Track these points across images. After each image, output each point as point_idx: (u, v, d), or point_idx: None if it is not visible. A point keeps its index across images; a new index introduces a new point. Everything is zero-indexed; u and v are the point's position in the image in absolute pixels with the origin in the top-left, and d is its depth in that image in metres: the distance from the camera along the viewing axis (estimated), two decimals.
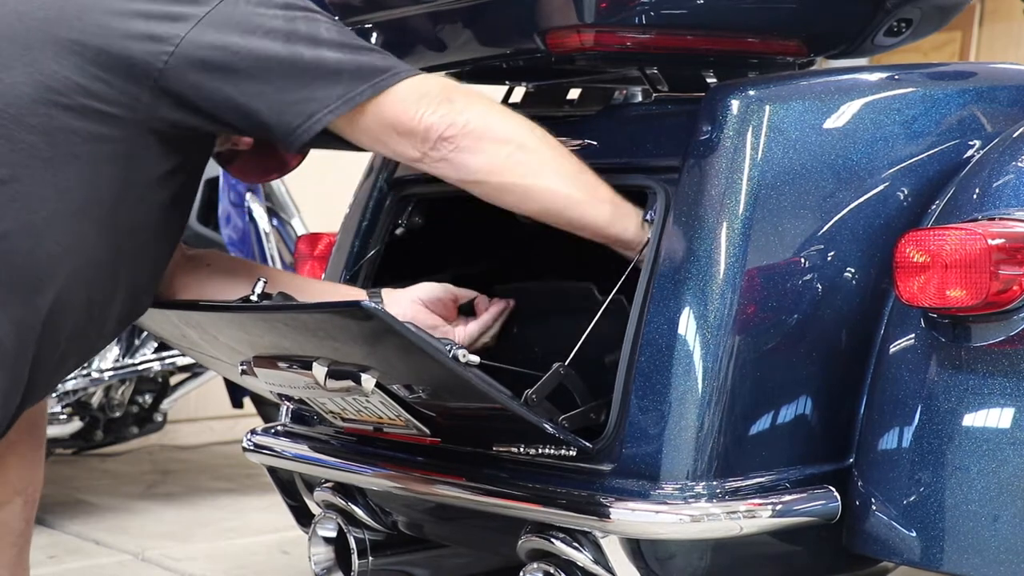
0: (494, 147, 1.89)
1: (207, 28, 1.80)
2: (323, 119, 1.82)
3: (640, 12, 2.07)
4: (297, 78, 1.82)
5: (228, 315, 1.91)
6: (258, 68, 1.81)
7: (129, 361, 3.93)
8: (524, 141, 1.91)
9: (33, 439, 2.26)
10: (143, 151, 1.83)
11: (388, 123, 1.86)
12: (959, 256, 1.80)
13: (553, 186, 1.93)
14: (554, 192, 1.93)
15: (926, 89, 2.12)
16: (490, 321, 2.15)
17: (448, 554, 2.41)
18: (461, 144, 1.87)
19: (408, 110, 1.85)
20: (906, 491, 1.85)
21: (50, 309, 1.80)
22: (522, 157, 1.90)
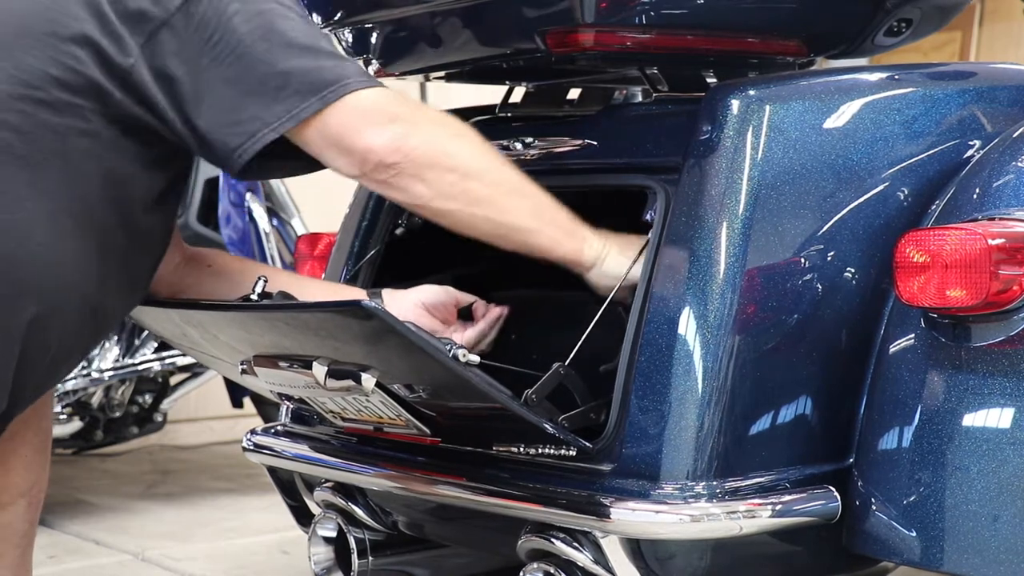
0: (438, 175, 1.83)
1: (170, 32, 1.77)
2: (264, 138, 1.76)
3: (640, 12, 2.07)
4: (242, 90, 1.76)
5: (229, 314, 1.90)
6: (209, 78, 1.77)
7: (129, 361, 3.93)
8: (470, 168, 1.85)
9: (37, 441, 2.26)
10: (120, 147, 1.80)
11: (331, 139, 1.80)
12: (959, 256, 1.80)
13: (496, 215, 1.88)
14: (497, 222, 1.89)
15: (926, 89, 2.12)
16: (487, 328, 2.14)
17: (448, 554, 2.41)
18: (404, 171, 1.81)
19: (353, 128, 1.78)
20: (906, 491, 1.85)
21: (36, 312, 1.77)
22: (466, 186, 1.85)
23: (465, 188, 1.85)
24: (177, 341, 2.21)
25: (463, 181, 1.84)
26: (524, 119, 2.30)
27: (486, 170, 1.88)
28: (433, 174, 1.82)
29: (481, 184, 1.86)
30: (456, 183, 1.84)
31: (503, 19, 2.17)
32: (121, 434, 4.12)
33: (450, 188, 1.84)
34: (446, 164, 1.83)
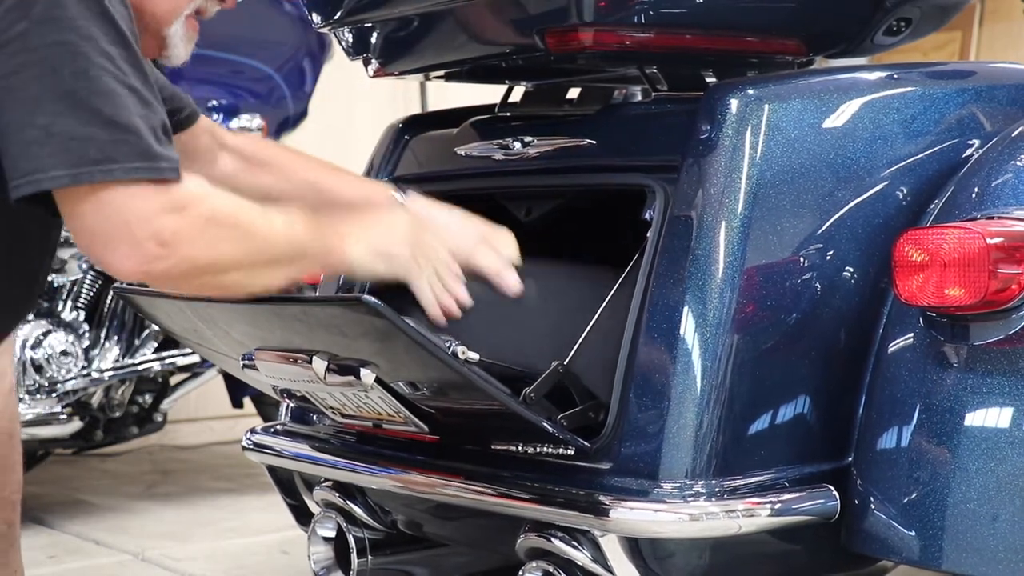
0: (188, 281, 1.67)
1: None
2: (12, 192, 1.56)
3: (639, 11, 2.07)
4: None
5: (240, 308, 1.91)
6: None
7: (129, 361, 3.93)
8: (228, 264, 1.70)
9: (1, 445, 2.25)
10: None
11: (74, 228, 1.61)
12: (958, 255, 1.80)
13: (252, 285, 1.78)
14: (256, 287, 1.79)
15: (925, 88, 2.12)
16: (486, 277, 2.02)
17: (447, 553, 2.41)
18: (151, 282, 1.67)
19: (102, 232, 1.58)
20: (905, 490, 1.85)
21: None
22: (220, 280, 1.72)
23: (219, 282, 1.74)
24: (187, 336, 2.21)
25: (218, 277, 1.72)
26: (524, 118, 2.30)
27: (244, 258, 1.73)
28: (186, 280, 1.69)
29: (239, 273, 1.74)
30: (211, 280, 1.72)
31: (503, 18, 2.18)
32: (121, 434, 4.12)
33: (202, 286, 1.74)
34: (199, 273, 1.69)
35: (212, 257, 1.68)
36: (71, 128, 1.54)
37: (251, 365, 2.00)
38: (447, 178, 2.38)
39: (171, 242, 1.61)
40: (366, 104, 5.23)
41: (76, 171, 1.54)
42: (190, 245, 1.64)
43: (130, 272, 1.61)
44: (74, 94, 1.54)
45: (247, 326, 1.94)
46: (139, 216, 1.58)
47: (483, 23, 2.20)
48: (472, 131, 2.36)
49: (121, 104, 1.57)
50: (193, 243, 1.64)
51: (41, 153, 1.54)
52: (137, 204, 1.58)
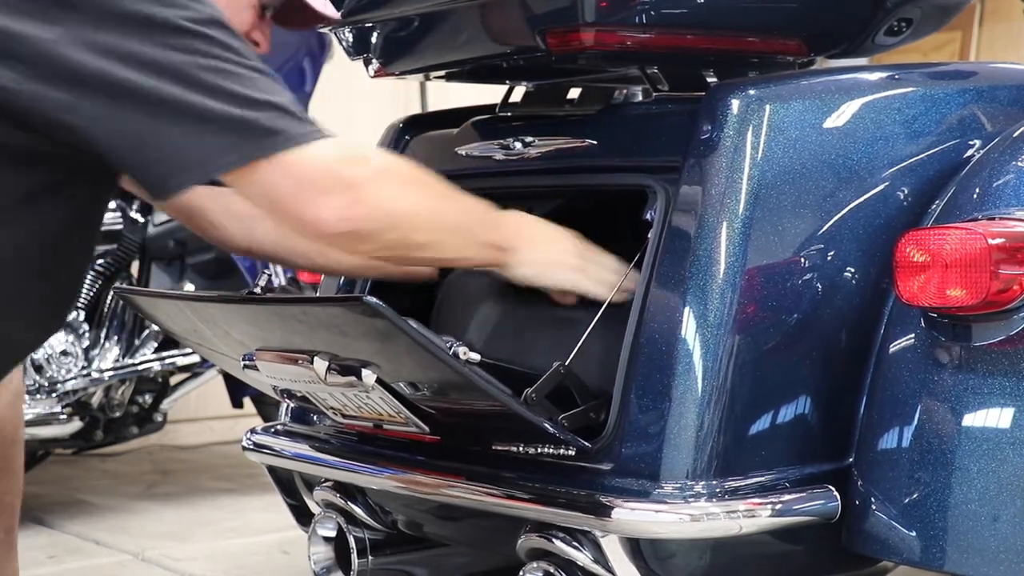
0: (381, 235, 1.77)
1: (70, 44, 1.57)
2: (181, 183, 1.63)
3: (640, 11, 2.07)
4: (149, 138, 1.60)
5: (240, 308, 1.91)
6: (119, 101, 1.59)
7: (129, 361, 3.93)
8: (415, 222, 1.80)
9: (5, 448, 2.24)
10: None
11: (270, 200, 1.69)
12: (959, 255, 1.80)
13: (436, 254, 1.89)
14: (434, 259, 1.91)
15: (926, 89, 2.12)
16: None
17: (448, 553, 2.41)
18: (352, 234, 1.74)
19: (293, 194, 1.67)
20: (906, 490, 1.85)
21: None
22: (409, 239, 1.81)
23: (407, 241, 1.82)
24: (187, 337, 2.21)
25: (407, 235, 1.81)
26: (524, 118, 2.30)
27: (430, 217, 1.83)
28: (380, 235, 1.77)
29: (423, 232, 1.83)
30: (401, 238, 1.80)
31: (503, 19, 2.17)
32: (121, 434, 4.12)
33: (395, 243, 1.80)
34: (394, 223, 1.78)
35: (401, 206, 1.76)
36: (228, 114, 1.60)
37: (251, 365, 2.00)
38: (447, 178, 2.37)
39: (360, 185, 1.70)
40: (366, 104, 5.23)
41: (248, 149, 1.62)
42: (378, 190, 1.72)
43: (331, 223, 1.68)
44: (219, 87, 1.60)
45: (247, 326, 1.94)
46: (324, 171, 1.67)
47: (484, 23, 2.20)
48: (473, 131, 2.36)
49: (264, 86, 1.65)
50: (380, 188, 1.73)
51: (203, 142, 1.59)
52: (318, 162, 1.66)
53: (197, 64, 1.61)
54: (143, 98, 1.59)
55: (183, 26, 1.61)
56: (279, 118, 1.65)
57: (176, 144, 1.61)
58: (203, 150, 1.61)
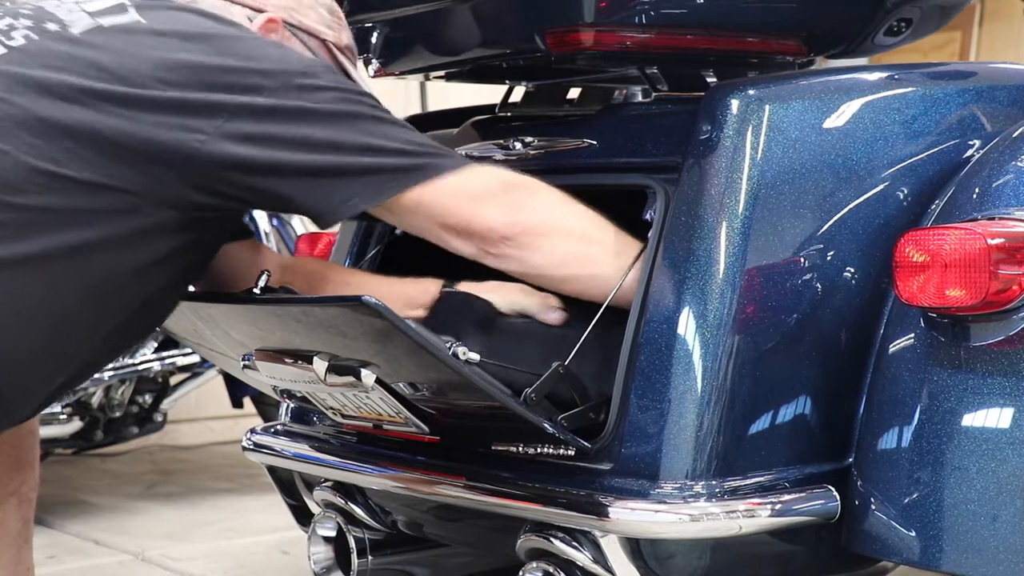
0: (556, 242, 1.91)
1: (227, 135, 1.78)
2: (352, 208, 1.82)
3: (640, 11, 2.07)
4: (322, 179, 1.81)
5: (240, 309, 1.91)
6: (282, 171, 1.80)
7: (129, 361, 3.93)
8: (584, 231, 1.93)
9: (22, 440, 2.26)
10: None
11: (440, 216, 1.87)
12: (959, 256, 1.80)
13: (609, 274, 1.96)
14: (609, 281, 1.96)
15: (926, 89, 2.12)
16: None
17: (448, 553, 2.41)
18: (521, 242, 1.89)
19: (464, 207, 1.86)
20: (905, 490, 1.85)
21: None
22: (582, 249, 1.93)
23: (585, 251, 1.94)
24: (187, 336, 2.21)
25: (582, 244, 1.94)
26: (524, 119, 2.30)
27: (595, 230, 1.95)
28: (551, 242, 1.90)
29: (599, 246, 1.95)
30: (574, 248, 1.93)
31: (503, 19, 2.18)
32: (121, 434, 4.12)
33: (565, 254, 1.93)
34: (564, 231, 1.91)
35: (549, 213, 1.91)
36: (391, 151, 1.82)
37: (251, 365, 2.00)
38: None
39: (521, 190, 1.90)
40: None
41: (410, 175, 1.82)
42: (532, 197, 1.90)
43: (503, 222, 1.86)
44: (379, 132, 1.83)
45: (247, 326, 1.94)
46: (487, 184, 1.88)
47: (483, 23, 2.20)
48: (472, 131, 2.36)
49: (414, 132, 1.87)
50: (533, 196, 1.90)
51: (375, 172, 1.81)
52: (480, 178, 1.87)
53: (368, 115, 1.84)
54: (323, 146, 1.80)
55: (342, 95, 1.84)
56: (438, 151, 1.87)
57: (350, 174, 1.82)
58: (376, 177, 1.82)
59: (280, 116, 1.79)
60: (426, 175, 1.83)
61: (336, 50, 2.08)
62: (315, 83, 1.82)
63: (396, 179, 1.82)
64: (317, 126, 1.80)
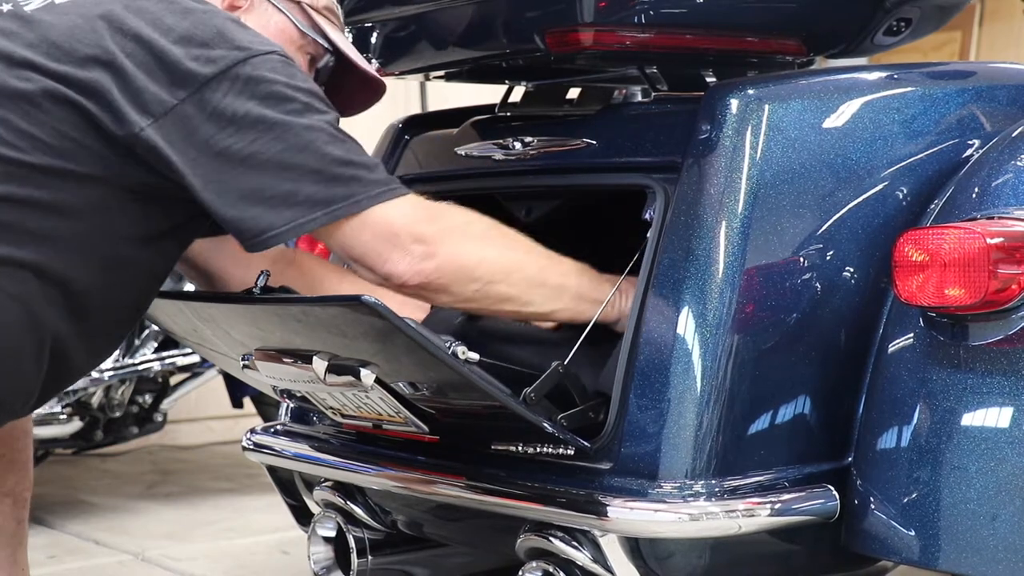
0: (461, 287, 1.88)
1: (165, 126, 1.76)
2: (271, 239, 1.78)
3: (640, 11, 2.07)
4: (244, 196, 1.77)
5: (240, 308, 1.91)
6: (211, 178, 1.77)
7: (129, 361, 3.93)
8: (493, 274, 1.89)
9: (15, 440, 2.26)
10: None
11: (348, 254, 1.83)
12: (958, 255, 1.80)
13: (520, 307, 1.95)
14: (521, 313, 1.97)
15: (925, 88, 2.12)
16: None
17: (447, 553, 2.41)
18: (427, 288, 1.86)
19: (373, 252, 1.81)
20: (905, 490, 1.85)
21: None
22: (489, 290, 1.90)
23: (487, 292, 1.90)
24: (187, 336, 2.21)
25: (486, 287, 1.89)
26: (524, 118, 2.30)
27: (510, 271, 1.92)
28: (457, 287, 1.87)
29: (506, 285, 1.91)
30: (480, 290, 1.89)
31: (503, 18, 2.18)
32: (121, 434, 4.12)
33: (473, 294, 1.90)
34: (469, 276, 1.87)
35: (476, 258, 1.87)
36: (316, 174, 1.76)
37: (251, 365, 2.00)
38: (447, 178, 2.38)
39: (434, 240, 1.83)
40: None
41: (336, 210, 1.77)
42: (452, 244, 1.85)
43: (404, 274, 1.82)
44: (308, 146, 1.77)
45: (247, 326, 1.94)
46: (398, 228, 1.80)
47: (483, 23, 2.20)
48: (472, 131, 2.36)
49: (345, 146, 1.80)
50: (455, 242, 1.85)
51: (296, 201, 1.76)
52: (393, 219, 1.81)
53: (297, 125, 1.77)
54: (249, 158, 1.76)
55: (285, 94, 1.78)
56: (363, 176, 1.80)
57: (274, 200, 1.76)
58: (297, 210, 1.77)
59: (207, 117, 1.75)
60: (341, 212, 1.78)
61: (313, 11, 2.04)
62: (254, 75, 1.77)
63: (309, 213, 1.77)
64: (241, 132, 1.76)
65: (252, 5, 2.01)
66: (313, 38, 2.03)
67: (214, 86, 1.76)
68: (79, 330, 1.83)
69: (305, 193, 1.77)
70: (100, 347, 1.92)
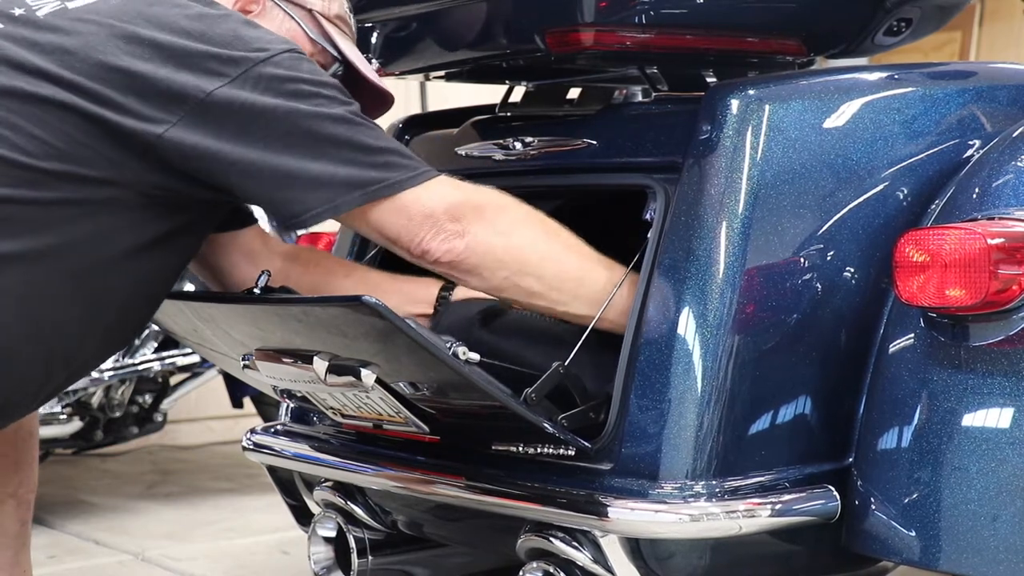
0: (491, 272, 1.88)
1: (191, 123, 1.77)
2: (308, 220, 1.80)
3: (640, 11, 2.07)
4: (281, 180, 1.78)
5: (240, 309, 1.91)
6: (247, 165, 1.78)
7: (129, 361, 3.93)
8: (525, 264, 1.90)
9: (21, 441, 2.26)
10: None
11: (384, 236, 1.85)
12: (958, 255, 1.80)
13: (551, 305, 1.94)
14: (554, 310, 1.95)
15: (926, 89, 2.12)
16: None
17: (448, 553, 2.41)
18: (459, 268, 1.87)
19: (406, 231, 1.83)
20: (905, 490, 1.85)
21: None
22: (519, 281, 1.90)
23: (518, 283, 1.90)
24: (187, 336, 2.21)
25: (516, 276, 1.90)
26: (524, 118, 2.30)
27: (542, 264, 1.91)
28: (487, 271, 1.88)
29: (535, 279, 1.91)
30: (509, 278, 1.89)
31: (503, 18, 2.18)
32: (121, 434, 4.12)
33: (503, 282, 1.90)
34: (499, 262, 1.88)
35: (507, 244, 1.87)
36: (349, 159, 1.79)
37: (251, 365, 2.00)
38: None
39: (467, 220, 1.85)
40: None
41: (371, 191, 1.80)
42: (482, 228, 1.86)
43: (437, 251, 1.84)
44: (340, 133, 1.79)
45: (247, 326, 1.94)
46: (434, 205, 1.83)
47: (483, 23, 2.20)
48: (472, 131, 2.36)
49: (374, 133, 1.83)
50: (484, 227, 1.86)
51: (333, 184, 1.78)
52: (429, 200, 1.83)
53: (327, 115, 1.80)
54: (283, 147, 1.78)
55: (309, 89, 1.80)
56: (395, 162, 1.82)
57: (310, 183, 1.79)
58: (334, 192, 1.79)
59: (237, 109, 1.77)
60: (377, 193, 1.80)
61: (324, 20, 2.05)
62: (278, 73, 1.79)
63: (346, 195, 1.79)
64: (273, 124, 1.77)
65: (264, 9, 2.01)
66: (323, 46, 2.04)
67: (240, 83, 1.77)
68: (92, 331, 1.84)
69: (341, 176, 1.79)
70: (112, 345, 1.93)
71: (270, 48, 1.81)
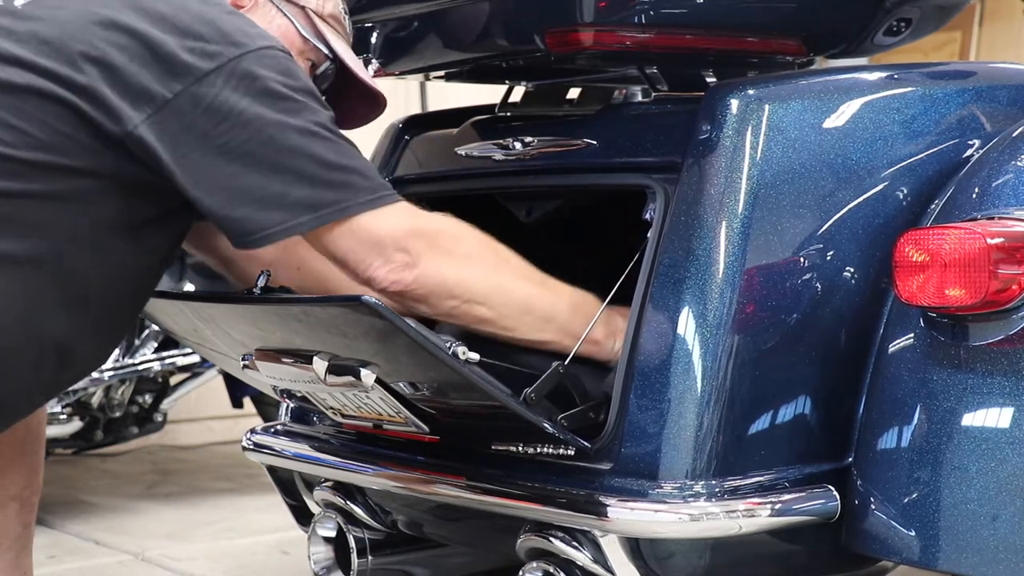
0: (438, 301, 1.87)
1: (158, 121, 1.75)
2: (260, 240, 1.78)
3: (640, 11, 2.07)
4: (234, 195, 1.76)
5: (240, 308, 1.91)
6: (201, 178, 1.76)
7: (129, 361, 3.93)
8: (474, 295, 1.88)
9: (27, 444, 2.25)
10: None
11: (333, 257, 1.83)
12: (958, 255, 1.80)
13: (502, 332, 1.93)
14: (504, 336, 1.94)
15: (925, 88, 2.12)
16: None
17: (447, 553, 2.41)
18: (408, 296, 1.85)
19: (355, 256, 1.81)
20: (905, 490, 1.85)
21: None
22: (468, 309, 1.89)
23: (467, 311, 1.89)
24: (187, 336, 2.21)
25: (465, 306, 1.89)
26: (524, 118, 2.30)
27: (492, 294, 1.90)
28: (434, 300, 1.86)
29: (486, 308, 1.90)
30: (458, 307, 1.88)
31: (503, 18, 2.18)
32: (121, 434, 4.12)
33: (451, 310, 1.89)
34: (448, 293, 1.86)
35: (458, 276, 1.86)
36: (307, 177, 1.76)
37: (251, 365, 2.00)
38: (447, 178, 2.38)
39: (417, 252, 1.82)
40: None
41: (324, 214, 1.77)
42: (435, 259, 1.84)
43: (383, 280, 1.82)
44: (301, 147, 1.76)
45: (247, 326, 1.94)
46: (385, 233, 1.80)
47: (483, 23, 2.20)
48: (472, 131, 2.36)
49: (338, 148, 1.79)
50: (438, 258, 1.84)
51: (286, 204, 1.76)
52: (380, 226, 1.80)
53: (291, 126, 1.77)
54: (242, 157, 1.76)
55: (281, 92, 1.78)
56: (353, 182, 1.79)
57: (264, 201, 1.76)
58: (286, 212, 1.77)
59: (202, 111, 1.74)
60: (329, 216, 1.78)
61: (317, 18, 2.03)
62: (252, 70, 1.76)
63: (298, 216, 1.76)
64: (235, 129, 1.75)
65: (256, 5, 2.00)
66: (315, 45, 2.02)
67: (211, 80, 1.75)
68: (82, 324, 1.83)
69: (295, 196, 1.76)
70: (105, 340, 1.92)
71: (248, 43, 1.79)
